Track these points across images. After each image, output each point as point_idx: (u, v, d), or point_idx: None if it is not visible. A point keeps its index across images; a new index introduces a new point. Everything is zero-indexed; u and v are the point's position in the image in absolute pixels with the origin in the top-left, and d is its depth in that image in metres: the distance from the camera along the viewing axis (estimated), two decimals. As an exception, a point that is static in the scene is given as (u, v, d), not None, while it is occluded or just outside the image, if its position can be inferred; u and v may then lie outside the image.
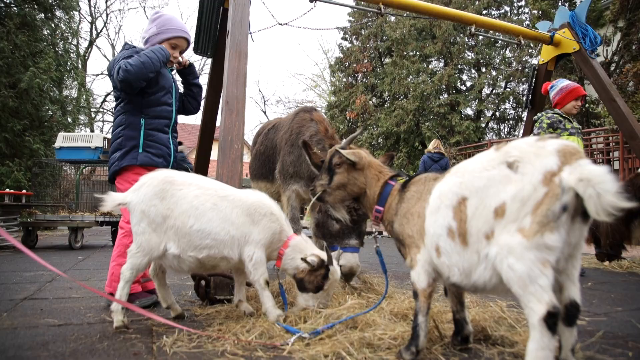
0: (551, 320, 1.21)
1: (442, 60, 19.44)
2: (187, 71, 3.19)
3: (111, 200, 2.19)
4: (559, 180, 1.24)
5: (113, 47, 27.31)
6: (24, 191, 8.08)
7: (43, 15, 13.50)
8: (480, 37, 17.25)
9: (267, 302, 2.19)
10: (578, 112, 4.27)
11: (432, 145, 8.66)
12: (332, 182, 2.05)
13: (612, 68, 11.76)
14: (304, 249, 2.31)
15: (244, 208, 2.22)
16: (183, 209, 2.16)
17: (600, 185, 1.16)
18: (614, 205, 1.14)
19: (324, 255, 2.28)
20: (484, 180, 1.39)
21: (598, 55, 5.63)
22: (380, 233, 2.40)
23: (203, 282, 2.68)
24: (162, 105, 2.87)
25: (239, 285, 2.44)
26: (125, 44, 3.03)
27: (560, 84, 4.22)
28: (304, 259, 2.23)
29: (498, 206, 1.33)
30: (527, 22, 16.62)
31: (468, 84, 19.51)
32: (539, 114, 4.19)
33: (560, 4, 12.15)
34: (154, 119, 2.84)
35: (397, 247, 1.82)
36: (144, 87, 2.76)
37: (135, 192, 2.19)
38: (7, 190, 8.07)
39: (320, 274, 2.25)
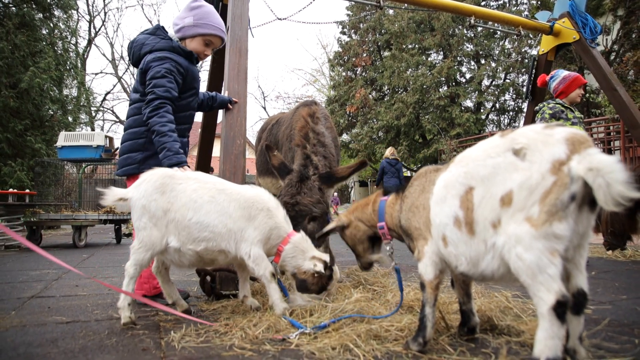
0: (560, 309, 1.21)
1: (442, 53, 19.39)
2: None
3: (112, 194, 2.20)
4: (567, 169, 1.23)
5: (112, 45, 27.32)
6: (27, 191, 8.11)
7: (41, 14, 13.50)
8: (479, 29, 17.19)
9: (274, 294, 2.19)
10: (580, 100, 4.29)
11: (389, 152, 9.88)
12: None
13: (612, 57, 11.72)
14: (305, 249, 2.29)
15: (241, 202, 2.23)
16: (182, 202, 2.17)
17: (609, 175, 1.15)
18: (623, 195, 1.14)
19: (326, 257, 2.27)
20: (489, 168, 1.38)
21: (598, 44, 5.60)
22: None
23: (208, 278, 2.69)
24: (189, 110, 2.79)
25: (242, 281, 2.44)
26: (160, 27, 2.76)
27: (562, 74, 4.20)
28: (316, 271, 2.22)
29: (504, 194, 1.32)
30: (525, 12, 16.53)
31: (468, 76, 19.47)
32: (540, 105, 4.16)
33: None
34: (181, 125, 2.72)
35: (407, 244, 1.82)
36: (179, 92, 2.66)
37: (136, 188, 2.21)
38: (11, 190, 8.11)
39: (325, 276, 2.24)
